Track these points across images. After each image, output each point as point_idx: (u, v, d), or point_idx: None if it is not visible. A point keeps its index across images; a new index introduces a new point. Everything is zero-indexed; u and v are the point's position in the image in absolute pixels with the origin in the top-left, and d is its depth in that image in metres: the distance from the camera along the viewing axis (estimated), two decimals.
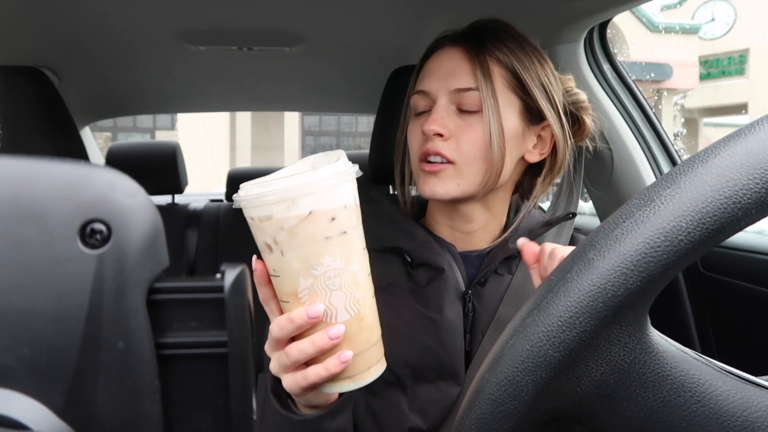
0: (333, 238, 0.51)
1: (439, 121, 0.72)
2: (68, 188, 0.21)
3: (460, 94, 0.73)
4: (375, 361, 0.55)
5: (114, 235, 0.21)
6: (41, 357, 0.21)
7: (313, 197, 0.49)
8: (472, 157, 0.73)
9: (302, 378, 0.53)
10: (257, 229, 0.52)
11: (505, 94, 0.74)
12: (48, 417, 0.21)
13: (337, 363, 0.52)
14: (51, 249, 0.21)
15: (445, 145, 0.72)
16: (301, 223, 0.49)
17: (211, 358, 0.23)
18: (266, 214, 0.50)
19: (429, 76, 0.77)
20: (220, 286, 0.23)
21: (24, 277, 0.21)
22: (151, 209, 0.22)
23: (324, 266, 0.51)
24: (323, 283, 0.51)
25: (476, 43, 0.75)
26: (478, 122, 0.73)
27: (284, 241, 0.50)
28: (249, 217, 0.52)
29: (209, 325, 0.23)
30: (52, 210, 0.21)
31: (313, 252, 0.50)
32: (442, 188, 0.73)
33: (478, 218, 0.79)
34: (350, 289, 0.52)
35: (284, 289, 0.53)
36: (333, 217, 0.50)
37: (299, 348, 0.52)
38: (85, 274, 0.21)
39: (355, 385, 0.54)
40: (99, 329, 0.21)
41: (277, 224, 0.50)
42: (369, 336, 0.54)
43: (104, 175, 0.22)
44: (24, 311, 0.21)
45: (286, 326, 0.52)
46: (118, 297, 0.21)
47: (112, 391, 0.21)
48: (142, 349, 0.22)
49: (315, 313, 0.51)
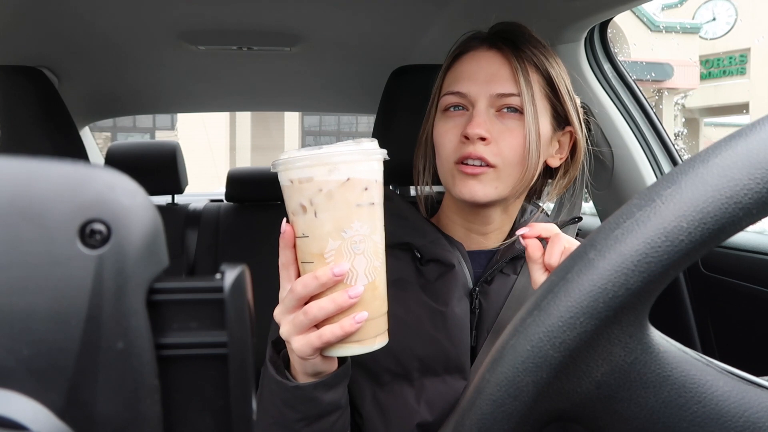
0: (363, 207, 0.56)
1: (483, 125, 0.73)
2: (68, 188, 0.21)
3: (501, 98, 0.74)
4: (381, 331, 0.59)
5: (114, 236, 0.21)
6: (41, 357, 0.21)
7: (352, 166, 0.54)
8: (511, 162, 0.74)
9: (316, 337, 0.55)
10: (295, 191, 0.56)
11: (542, 101, 0.76)
12: (47, 417, 0.21)
13: (352, 323, 0.54)
14: (50, 249, 0.21)
15: (487, 149, 0.73)
16: (339, 187, 0.54)
17: (211, 358, 0.23)
18: (307, 176, 0.54)
19: (466, 79, 0.76)
20: (220, 287, 0.23)
21: (23, 277, 0.21)
22: (151, 209, 0.22)
23: (352, 230, 0.55)
24: (349, 246, 0.55)
25: (514, 46, 0.76)
26: (517, 127, 0.74)
27: (320, 203, 0.54)
28: (288, 179, 0.56)
29: (209, 325, 0.23)
30: (51, 210, 0.21)
31: (345, 216, 0.55)
32: (482, 191, 0.74)
33: (495, 220, 0.81)
34: (371, 257, 0.56)
35: (311, 250, 0.56)
36: (366, 187, 0.56)
37: (319, 305, 0.55)
38: (85, 274, 0.21)
39: (362, 349, 0.57)
40: (98, 329, 0.21)
41: (316, 186, 0.54)
42: (380, 305, 0.58)
43: (104, 175, 0.22)
44: (23, 312, 0.21)
45: (310, 283, 0.55)
46: (118, 297, 0.21)
47: (111, 392, 0.21)
48: (141, 349, 0.22)
49: (341, 271, 0.54)
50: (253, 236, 2.00)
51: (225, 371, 0.23)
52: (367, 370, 0.75)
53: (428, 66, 1.01)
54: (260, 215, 2.05)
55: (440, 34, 1.36)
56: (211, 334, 0.23)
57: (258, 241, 1.98)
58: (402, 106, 1.04)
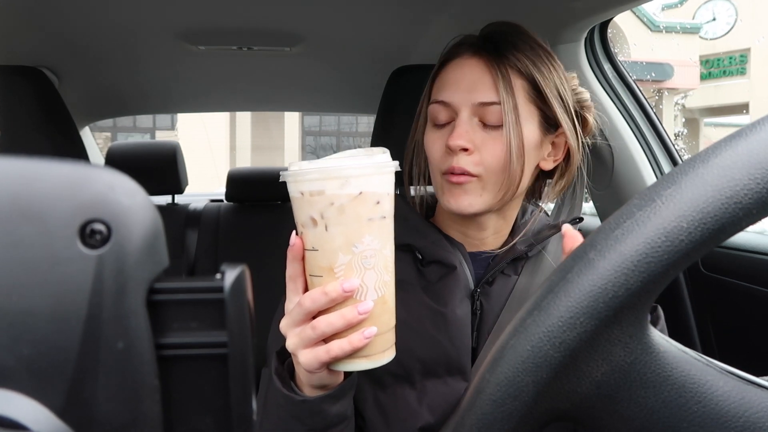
0: (375, 221, 0.54)
1: (464, 136, 0.72)
2: (68, 188, 0.21)
3: (483, 107, 0.73)
4: (389, 345, 0.58)
5: (114, 236, 0.21)
6: (41, 357, 0.21)
7: (365, 180, 0.53)
8: (494, 170, 0.73)
9: (324, 352, 0.54)
10: (306, 203, 0.54)
11: (527, 106, 0.75)
12: (47, 417, 0.21)
13: (361, 338, 0.54)
14: (50, 249, 0.21)
15: (469, 160, 0.73)
16: (351, 201, 0.53)
17: (211, 358, 0.23)
18: (318, 189, 0.53)
19: (449, 87, 0.76)
20: (220, 287, 0.23)
21: (23, 277, 0.21)
22: (151, 209, 0.22)
23: (363, 245, 0.54)
24: (360, 261, 0.54)
25: (496, 53, 0.74)
26: (500, 135, 0.73)
27: (332, 217, 0.53)
28: (298, 191, 0.54)
29: (209, 325, 0.23)
30: (51, 210, 0.21)
31: (356, 230, 0.54)
32: (467, 201, 0.74)
33: (491, 226, 0.81)
34: (381, 271, 0.55)
35: (320, 264, 0.55)
36: (378, 201, 0.54)
37: (328, 321, 0.54)
38: (85, 274, 0.21)
39: (370, 364, 0.56)
40: (99, 329, 0.21)
41: (328, 200, 0.53)
42: (389, 319, 0.57)
43: (104, 175, 0.22)
44: (23, 311, 0.21)
45: (319, 299, 0.54)
46: (118, 297, 0.21)
47: (111, 392, 0.21)
48: (141, 349, 0.22)
49: (350, 287, 0.53)
50: (253, 236, 2.00)
51: (225, 371, 0.23)
52: (368, 372, 0.74)
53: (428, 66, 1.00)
54: (260, 215, 2.05)
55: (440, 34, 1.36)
56: (211, 334, 0.23)
57: (258, 241, 1.98)
58: (402, 106, 1.04)
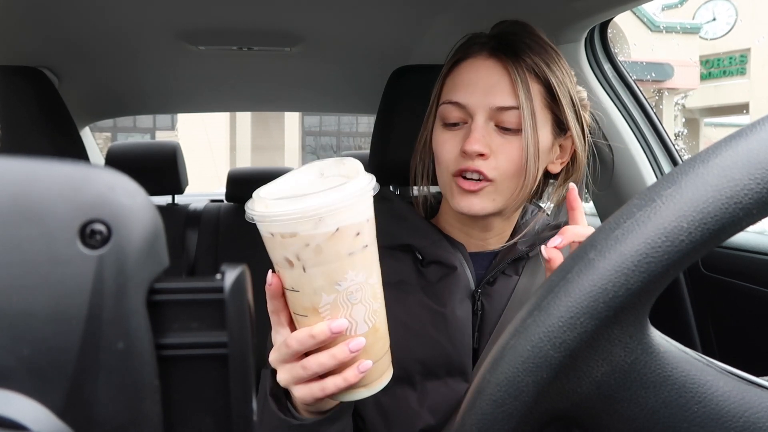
0: (356, 254, 0.50)
1: (481, 141, 0.71)
2: (68, 189, 0.21)
3: (500, 111, 0.72)
4: (386, 368, 0.56)
5: (114, 236, 0.21)
6: (41, 357, 0.21)
7: (341, 214, 0.49)
8: (509, 175, 0.73)
9: (319, 389, 0.52)
10: (278, 245, 0.50)
11: (542, 111, 0.74)
12: (48, 417, 0.21)
13: (356, 373, 0.52)
14: (51, 249, 0.21)
15: (485, 164, 0.72)
16: (328, 240, 0.49)
17: (212, 358, 0.23)
18: (290, 231, 0.48)
19: (464, 88, 0.74)
20: (220, 287, 0.23)
21: (24, 277, 0.21)
22: (151, 210, 0.22)
23: (347, 281, 0.50)
24: (345, 298, 0.51)
25: (514, 55, 0.73)
26: (517, 139, 0.72)
27: (308, 258, 0.49)
28: (268, 232, 0.50)
29: (209, 325, 0.23)
30: (51, 210, 0.21)
31: (338, 268, 0.50)
32: (479, 205, 0.73)
33: (495, 227, 0.80)
34: (369, 302, 0.52)
35: (303, 304, 0.52)
36: (358, 232, 0.50)
37: (318, 361, 0.52)
38: (85, 274, 0.21)
39: (368, 392, 0.54)
40: (99, 330, 0.21)
41: (302, 241, 0.49)
42: (383, 345, 0.55)
43: (104, 175, 0.22)
44: (24, 312, 0.21)
45: (306, 342, 0.51)
46: (118, 297, 0.21)
47: (112, 392, 0.21)
48: (142, 349, 0.22)
49: (338, 328, 0.51)
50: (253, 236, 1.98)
51: (225, 371, 0.23)
52: None
53: (429, 66, 1.00)
54: None
55: (440, 34, 1.36)
56: (211, 334, 0.23)
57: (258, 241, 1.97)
58: (402, 106, 1.04)
